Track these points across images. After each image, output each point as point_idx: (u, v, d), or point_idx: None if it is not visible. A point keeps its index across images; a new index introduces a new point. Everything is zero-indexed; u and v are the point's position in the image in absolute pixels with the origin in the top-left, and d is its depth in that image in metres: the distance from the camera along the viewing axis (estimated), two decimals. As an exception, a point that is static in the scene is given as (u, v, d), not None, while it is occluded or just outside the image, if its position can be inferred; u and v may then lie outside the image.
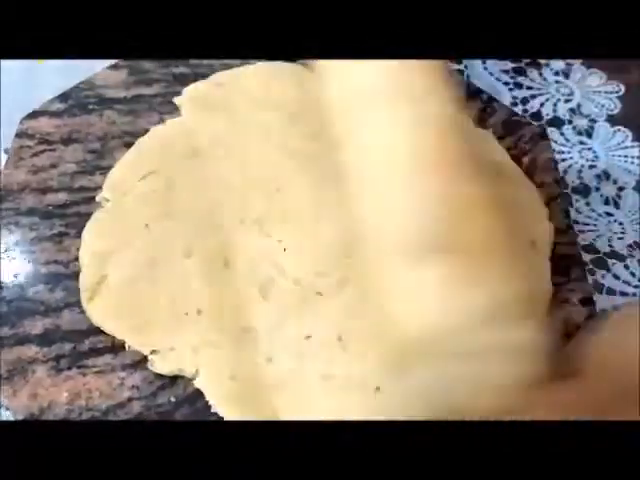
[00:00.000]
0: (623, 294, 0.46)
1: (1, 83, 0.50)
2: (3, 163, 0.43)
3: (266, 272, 0.37)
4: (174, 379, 0.35)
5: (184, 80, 0.47)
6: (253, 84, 0.46)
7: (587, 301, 0.40)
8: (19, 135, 0.44)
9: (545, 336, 0.28)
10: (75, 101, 0.46)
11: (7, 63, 0.50)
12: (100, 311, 0.37)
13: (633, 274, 0.46)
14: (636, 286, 0.46)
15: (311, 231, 0.39)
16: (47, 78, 0.51)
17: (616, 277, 0.46)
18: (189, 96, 0.45)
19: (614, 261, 0.47)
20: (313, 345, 0.35)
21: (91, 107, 0.45)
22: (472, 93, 0.49)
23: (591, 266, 0.46)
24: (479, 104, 0.48)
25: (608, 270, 0.46)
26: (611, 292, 0.46)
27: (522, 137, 0.46)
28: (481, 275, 0.28)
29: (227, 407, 0.33)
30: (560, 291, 0.40)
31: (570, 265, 0.41)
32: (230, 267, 0.38)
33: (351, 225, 0.38)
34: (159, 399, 0.35)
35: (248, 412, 0.32)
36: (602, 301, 0.45)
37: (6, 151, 0.44)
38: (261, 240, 0.38)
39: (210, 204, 0.40)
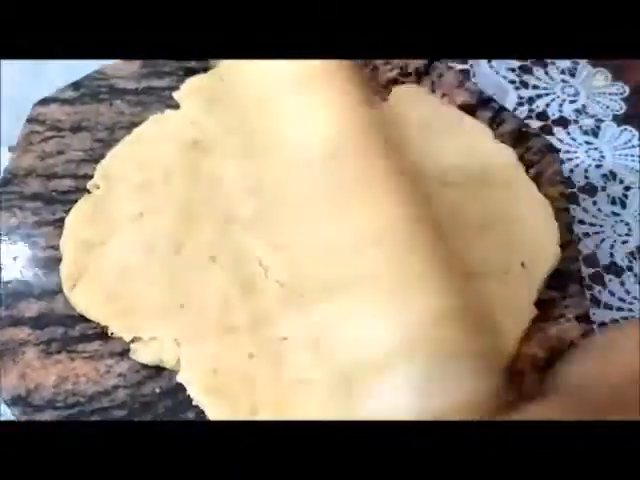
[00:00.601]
0: (620, 309, 0.46)
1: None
2: (3, 159, 0.44)
3: (250, 271, 0.37)
4: (160, 370, 0.36)
5: (195, 74, 0.47)
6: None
7: (583, 318, 0.39)
8: (30, 121, 0.45)
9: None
10: (87, 90, 0.46)
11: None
12: (83, 298, 0.37)
13: (628, 292, 0.46)
14: (630, 302, 0.46)
15: (304, 235, 0.38)
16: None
17: (612, 294, 0.46)
18: (188, 89, 0.45)
19: (611, 277, 0.47)
20: (289, 347, 0.34)
21: (102, 96, 0.46)
22: (483, 101, 0.48)
23: (588, 281, 0.46)
24: (489, 113, 0.48)
25: (604, 286, 0.46)
26: (608, 307, 0.46)
27: (530, 149, 0.46)
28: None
29: (208, 400, 0.33)
30: (556, 307, 0.40)
31: (568, 281, 0.41)
32: (217, 263, 0.38)
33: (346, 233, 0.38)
34: (144, 389, 0.35)
35: (228, 407, 0.33)
36: (601, 315, 0.45)
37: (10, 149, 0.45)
38: (248, 240, 0.38)
39: (201, 199, 0.40)
